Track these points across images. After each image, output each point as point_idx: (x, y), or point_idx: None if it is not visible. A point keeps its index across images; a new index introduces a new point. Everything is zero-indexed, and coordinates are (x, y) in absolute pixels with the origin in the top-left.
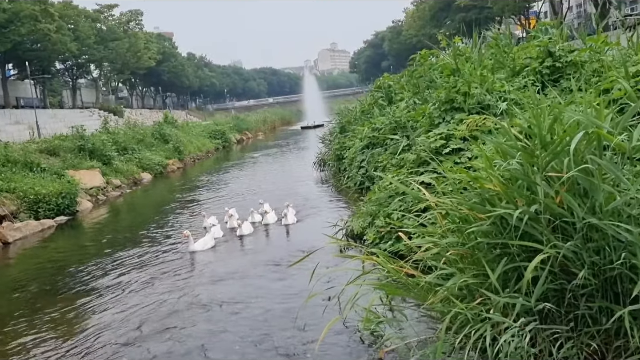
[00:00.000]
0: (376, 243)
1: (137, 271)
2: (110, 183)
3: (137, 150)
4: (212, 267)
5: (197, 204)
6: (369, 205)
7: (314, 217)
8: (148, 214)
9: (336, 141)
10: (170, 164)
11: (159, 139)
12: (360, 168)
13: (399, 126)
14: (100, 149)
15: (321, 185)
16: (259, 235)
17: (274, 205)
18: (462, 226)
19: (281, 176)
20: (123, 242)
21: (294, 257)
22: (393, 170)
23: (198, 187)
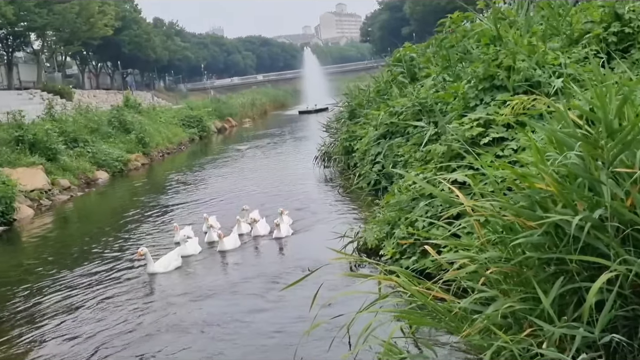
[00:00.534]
0: (396, 259)
1: (83, 295)
2: (56, 184)
3: (91, 142)
4: (179, 293)
5: (167, 211)
6: (386, 211)
7: (315, 227)
8: (104, 223)
9: (344, 129)
10: (132, 159)
11: (118, 127)
12: (374, 164)
13: (424, 110)
14: (44, 141)
15: (325, 186)
16: (246, 250)
17: (265, 211)
18: (506, 237)
19: (274, 175)
20: (72, 259)
21: (290, 278)
22: (417, 166)
23: (168, 189)
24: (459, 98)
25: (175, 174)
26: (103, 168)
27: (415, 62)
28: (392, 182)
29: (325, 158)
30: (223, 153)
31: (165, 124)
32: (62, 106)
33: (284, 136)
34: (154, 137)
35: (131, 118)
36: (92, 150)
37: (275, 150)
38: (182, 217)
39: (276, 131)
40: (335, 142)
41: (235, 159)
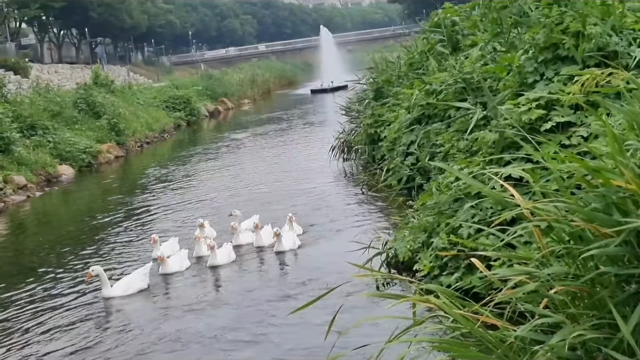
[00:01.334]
0: (434, 275)
1: (22, 323)
2: (9, 182)
3: (52, 129)
4: (138, 324)
5: (146, 216)
6: (422, 214)
7: (333, 235)
8: (68, 231)
9: (368, 113)
10: (104, 150)
11: (85, 111)
12: (407, 155)
13: (469, 88)
14: None
15: (344, 183)
16: (244, 265)
17: (270, 216)
18: (574, 247)
19: (281, 170)
20: (22, 276)
21: (301, 299)
22: (460, 158)
23: (148, 188)
24: (514, 73)
25: (157, 169)
26: (67, 162)
27: (458, 27)
28: (429, 178)
29: (344, 149)
30: (216, 143)
31: (145, 107)
32: (16, 84)
33: (292, 121)
34: (130, 123)
35: (102, 99)
36: (53, 139)
37: (282, 139)
38: (166, 224)
39: (283, 115)
40: (357, 129)
41: (231, 150)
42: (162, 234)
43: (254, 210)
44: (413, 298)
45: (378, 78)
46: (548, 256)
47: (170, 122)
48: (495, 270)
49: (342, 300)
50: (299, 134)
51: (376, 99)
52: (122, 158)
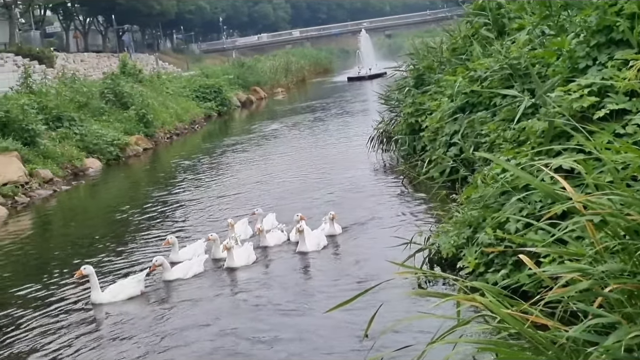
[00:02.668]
0: (480, 273)
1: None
2: (35, 176)
3: (79, 121)
4: (131, 334)
5: (175, 211)
6: (466, 208)
7: (372, 230)
8: (95, 227)
9: (408, 101)
10: (132, 142)
11: (113, 102)
12: (450, 146)
13: (516, 74)
14: (19, 120)
15: (384, 176)
16: (271, 264)
17: (304, 212)
18: (630, 243)
19: (316, 162)
20: (48, 274)
21: (337, 298)
22: (507, 148)
23: (177, 181)
24: (564, 58)
25: (187, 162)
26: (94, 155)
27: (504, 10)
28: (474, 170)
29: (383, 139)
30: (249, 134)
31: (174, 97)
32: (41, 74)
33: (328, 111)
34: (159, 114)
35: (130, 89)
36: (80, 131)
37: (318, 130)
38: (195, 221)
39: (318, 104)
40: (397, 119)
41: (264, 141)
42: (191, 231)
43: (287, 206)
44: (458, 297)
45: (419, 64)
46: (602, 252)
47: (201, 112)
48: (545, 268)
49: (382, 298)
50: (336, 124)
51: (417, 87)
52: (151, 150)
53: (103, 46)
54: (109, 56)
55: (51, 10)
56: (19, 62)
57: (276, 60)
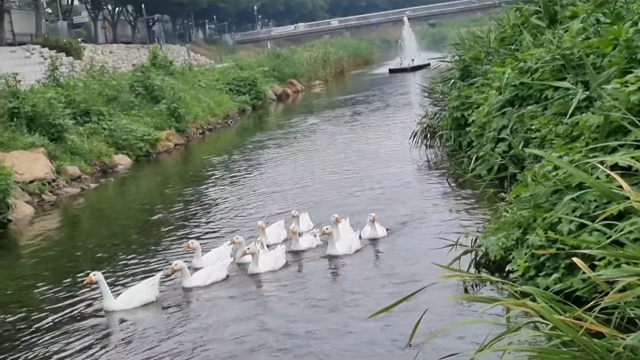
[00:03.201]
0: (530, 276)
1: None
2: (63, 173)
3: (107, 115)
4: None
5: (206, 211)
6: (515, 208)
7: (415, 231)
8: (124, 227)
9: (454, 94)
10: (163, 138)
11: (143, 95)
12: (498, 141)
13: (569, 65)
14: (46, 114)
15: (427, 173)
16: (302, 270)
17: (343, 211)
18: None
19: (356, 159)
20: (78, 276)
21: (376, 302)
22: (559, 144)
23: (209, 179)
24: (621, 47)
25: (220, 159)
26: (124, 151)
27: None
28: (524, 167)
29: (427, 134)
30: (285, 129)
31: (206, 90)
32: (68, 67)
33: (368, 104)
34: (191, 108)
35: (160, 82)
36: (109, 126)
37: (357, 125)
38: (227, 222)
39: (358, 97)
40: (442, 113)
41: (301, 137)
42: (222, 232)
43: (325, 205)
44: (507, 301)
45: (465, 55)
46: None
47: (234, 106)
48: (601, 271)
49: (426, 303)
50: (376, 118)
51: (463, 79)
52: (183, 146)
53: (132, 37)
54: (139, 47)
55: (79, 0)
56: (45, 54)
57: (314, 51)
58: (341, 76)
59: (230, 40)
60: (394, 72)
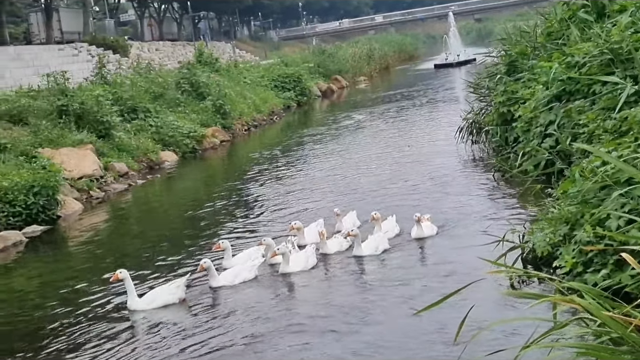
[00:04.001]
0: (578, 272)
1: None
2: (110, 169)
3: (154, 112)
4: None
5: (251, 207)
6: (563, 204)
7: (460, 227)
8: (171, 223)
9: (500, 89)
10: (208, 134)
11: (189, 92)
12: (545, 137)
13: (617, 59)
14: (94, 111)
15: (473, 169)
16: (331, 270)
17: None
18: None
19: (402, 154)
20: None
21: (422, 299)
22: (608, 139)
23: (255, 175)
24: None
25: (265, 155)
26: (170, 147)
27: None
28: (571, 163)
29: (473, 130)
30: (330, 125)
31: (252, 87)
32: (115, 64)
33: (413, 100)
34: (236, 105)
35: (206, 79)
36: (155, 123)
37: (402, 120)
38: (270, 217)
39: (403, 93)
40: (488, 108)
41: (345, 133)
42: (263, 231)
43: (370, 201)
44: (554, 298)
45: (511, 50)
46: None
47: (280, 103)
48: None
49: (472, 299)
50: (421, 114)
51: (509, 74)
52: (228, 143)
53: (178, 34)
54: (185, 45)
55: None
56: (93, 52)
57: (358, 47)
58: (386, 72)
59: (275, 37)
60: (439, 68)
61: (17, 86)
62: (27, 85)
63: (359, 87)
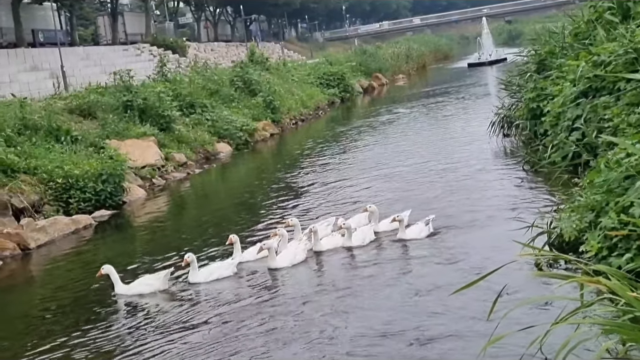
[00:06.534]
0: (603, 256)
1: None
2: (171, 159)
3: (210, 107)
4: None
5: (298, 196)
6: (589, 193)
7: (491, 215)
8: (227, 210)
9: (530, 86)
10: (259, 128)
11: (242, 89)
12: (572, 131)
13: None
14: (156, 106)
15: (504, 160)
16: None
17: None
18: None
19: (437, 147)
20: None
21: (458, 280)
22: (632, 133)
23: (302, 166)
24: None
25: (312, 147)
26: (225, 140)
27: None
28: (596, 155)
29: (504, 124)
30: (371, 119)
31: (299, 84)
32: (175, 63)
33: (449, 96)
34: (285, 101)
35: (257, 77)
36: (211, 117)
37: (438, 115)
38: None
39: (438, 90)
40: (518, 104)
41: (385, 126)
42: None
43: (406, 191)
44: (582, 279)
45: (540, 50)
46: None
47: (324, 99)
48: None
49: (502, 281)
50: (457, 109)
51: (539, 72)
52: (277, 136)
53: (232, 35)
54: (237, 45)
55: (184, 2)
56: (154, 52)
57: (397, 47)
58: (423, 70)
59: (321, 38)
60: (472, 67)
61: (86, 83)
62: (95, 82)
63: (397, 84)
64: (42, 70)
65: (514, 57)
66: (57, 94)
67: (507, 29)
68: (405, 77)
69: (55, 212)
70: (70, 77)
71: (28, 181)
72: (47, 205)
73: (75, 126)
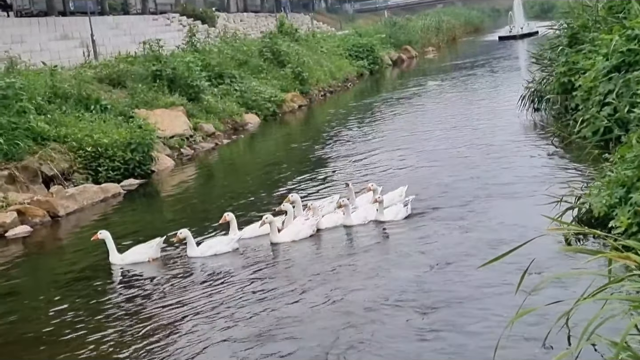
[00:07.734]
0: (633, 232)
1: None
2: (199, 129)
3: (239, 78)
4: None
5: (325, 168)
6: (620, 168)
7: (520, 189)
8: (255, 180)
9: (561, 60)
10: (288, 99)
11: (270, 60)
12: (604, 105)
13: None
14: (185, 76)
15: (534, 135)
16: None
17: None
18: None
19: (466, 121)
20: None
21: (485, 253)
22: None
23: (329, 137)
24: None
25: (339, 119)
26: (253, 110)
27: None
28: (629, 130)
29: (535, 99)
30: (400, 92)
31: (328, 55)
32: (204, 33)
33: (479, 69)
34: (313, 72)
35: (286, 48)
36: (240, 88)
37: (468, 88)
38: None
39: (468, 63)
40: (549, 78)
41: (415, 99)
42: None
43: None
44: (611, 254)
45: (573, 23)
46: None
47: (353, 70)
48: None
49: (530, 256)
50: (487, 82)
51: (571, 46)
52: (306, 107)
53: (261, 6)
54: (267, 16)
55: None
56: (184, 22)
57: (427, 20)
58: (453, 43)
59: (350, 10)
60: (503, 40)
61: (116, 52)
62: (124, 51)
63: (427, 56)
64: (72, 39)
65: (546, 30)
66: (87, 63)
67: (539, 1)
68: (435, 50)
69: (85, 180)
70: (100, 46)
71: (58, 149)
72: (76, 174)
73: (104, 95)
